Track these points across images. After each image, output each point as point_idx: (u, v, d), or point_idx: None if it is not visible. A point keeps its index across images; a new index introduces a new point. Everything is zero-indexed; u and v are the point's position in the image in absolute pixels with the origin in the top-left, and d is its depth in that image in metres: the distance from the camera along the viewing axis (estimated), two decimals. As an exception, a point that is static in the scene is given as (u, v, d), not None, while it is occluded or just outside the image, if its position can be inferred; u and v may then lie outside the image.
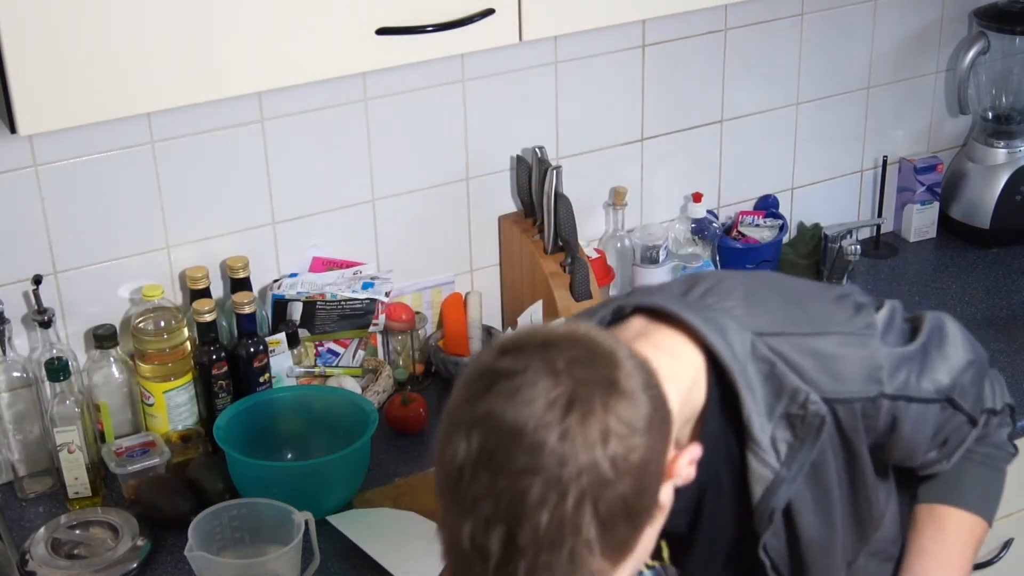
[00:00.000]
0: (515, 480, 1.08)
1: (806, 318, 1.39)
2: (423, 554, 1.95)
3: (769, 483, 1.36)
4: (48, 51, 1.63)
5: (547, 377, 1.11)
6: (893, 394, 1.40)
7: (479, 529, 1.10)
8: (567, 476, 1.08)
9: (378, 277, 2.30)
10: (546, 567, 1.09)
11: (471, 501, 1.10)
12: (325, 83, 2.09)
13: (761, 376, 1.34)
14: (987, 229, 2.75)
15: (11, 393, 2.08)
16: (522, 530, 1.08)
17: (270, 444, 2.09)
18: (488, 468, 1.09)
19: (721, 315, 1.36)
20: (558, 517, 1.08)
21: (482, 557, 1.10)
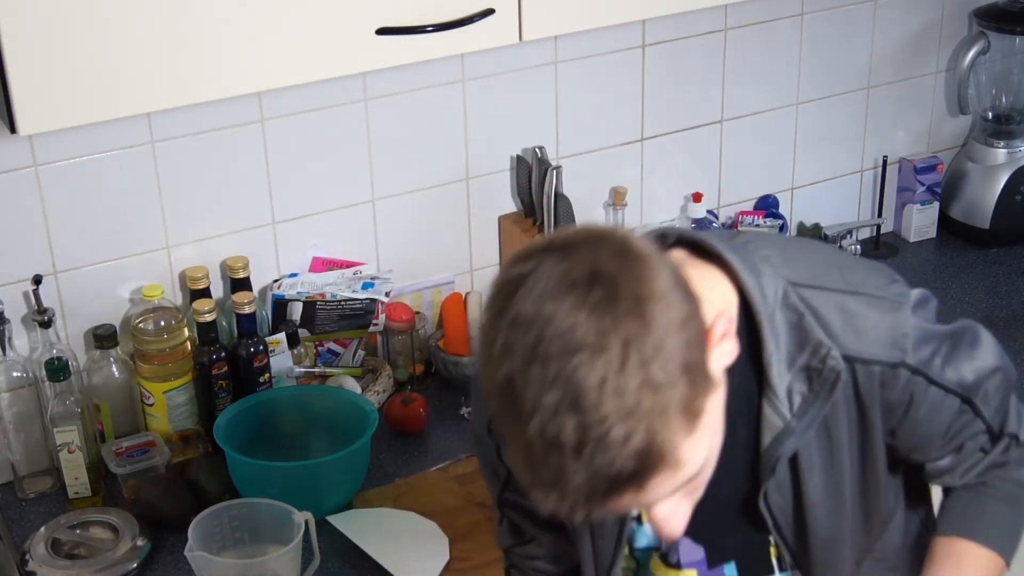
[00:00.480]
0: (564, 363, 1.09)
1: (840, 277, 1.39)
2: (423, 554, 1.95)
3: (778, 432, 1.35)
4: (48, 51, 1.63)
5: (561, 262, 1.13)
6: (914, 366, 1.37)
7: (547, 422, 1.10)
8: (612, 345, 1.09)
9: (378, 277, 2.30)
10: (623, 439, 1.09)
11: (532, 401, 1.10)
12: (325, 83, 2.09)
13: (788, 325, 1.34)
14: (987, 229, 2.75)
15: (11, 393, 2.08)
16: (587, 409, 1.09)
17: (270, 444, 2.09)
18: (537, 362, 1.10)
19: (759, 260, 1.36)
20: (616, 386, 1.08)
21: (558, 449, 1.10)
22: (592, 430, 1.09)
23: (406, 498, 2.08)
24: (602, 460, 1.10)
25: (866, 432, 1.40)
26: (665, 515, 1.23)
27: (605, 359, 1.09)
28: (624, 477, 1.11)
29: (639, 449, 1.10)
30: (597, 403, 1.09)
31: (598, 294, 1.11)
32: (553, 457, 1.11)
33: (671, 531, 1.25)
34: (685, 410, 1.12)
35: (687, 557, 1.48)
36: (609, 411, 1.09)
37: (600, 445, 1.09)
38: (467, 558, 1.96)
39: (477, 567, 1.94)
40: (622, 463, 1.10)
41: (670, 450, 1.12)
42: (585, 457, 1.10)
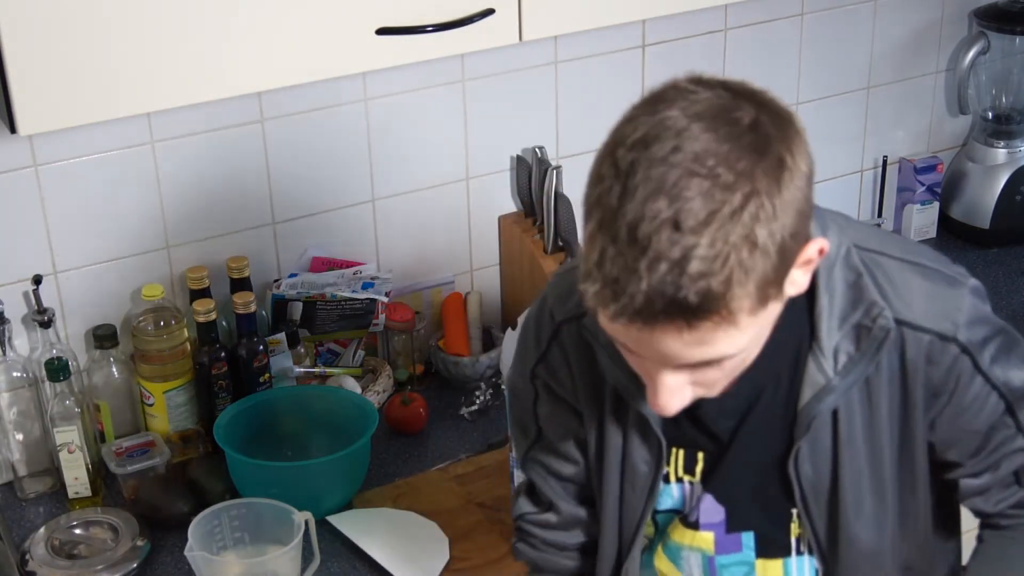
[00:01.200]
0: (690, 180, 1.11)
1: (903, 247, 1.39)
2: (423, 554, 1.95)
3: (819, 389, 1.34)
4: (48, 51, 1.63)
5: (730, 100, 1.16)
6: (964, 344, 1.35)
7: (645, 221, 1.11)
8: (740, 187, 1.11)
9: (378, 277, 2.30)
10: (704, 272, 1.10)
11: (642, 196, 1.12)
12: (325, 83, 2.09)
13: (845, 283, 1.34)
14: (987, 229, 2.75)
15: (11, 393, 2.08)
16: (689, 230, 1.10)
17: (270, 444, 2.09)
18: (665, 164, 1.12)
19: (828, 218, 1.36)
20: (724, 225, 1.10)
21: (641, 251, 1.11)
22: (679, 250, 1.10)
23: (406, 498, 2.08)
24: (672, 280, 1.10)
25: (907, 410, 1.38)
26: (669, 387, 1.23)
27: (725, 196, 1.11)
28: (682, 307, 1.11)
29: (710, 289, 1.11)
30: (696, 230, 1.10)
31: (750, 138, 1.13)
32: (630, 256, 1.12)
33: (665, 404, 1.24)
34: (762, 286, 1.14)
35: (707, 518, 1.47)
36: (703, 243, 1.10)
37: (678, 266, 1.10)
38: (467, 558, 1.96)
39: (477, 567, 1.94)
40: (687, 292, 1.11)
41: (733, 309, 1.13)
42: (660, 270, 1.11)
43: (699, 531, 1.48)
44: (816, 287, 1.33)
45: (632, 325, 1.15)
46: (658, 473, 1.45)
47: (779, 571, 1.48)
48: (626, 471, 1.47)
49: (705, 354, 1.18)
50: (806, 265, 1.22)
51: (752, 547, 1.47)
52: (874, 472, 1.40)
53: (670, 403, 1.24)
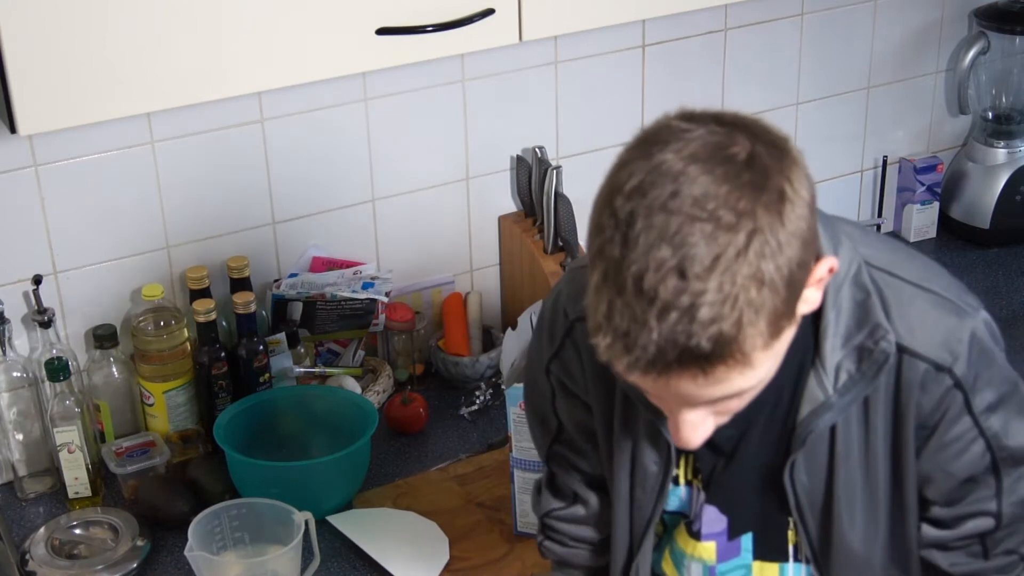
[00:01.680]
0: (691, 225, 1.10)
1: (915, 269, 1.37)
2: (423, 554, 1.95)
3: (817, 405, 1.34)
4: (48, 51, 1.63)
5: (724, 136, 1.14)
6: (959, 378, 1.32)
7: (650, 271, 1.10)
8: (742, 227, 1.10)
9: (378, 277, 2.30)
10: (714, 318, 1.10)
11: (644, 246, 1.11)
12: (325, 83, 2.09)
13: (853, 302, 1.33)
14: (987, 229, 2.75)
15: (11, 393, 2.08)
16: (694, 276, 1.09)
17: (270, 444, 2.09)
18: (664, 211, 1.11)
19: (841, 232, 1.35)
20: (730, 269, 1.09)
21: (648, 302, 1.10)
22: (687, 298, 1.09)
23: (406, 498, 2.08)
24: (683, 329, 1.10)
25: (899, 433, 1.37)
26: (692, 423, 1.23)
27: (729, 238, 1.10)
28: (695, 355, 1.11)
29: (722, 334, 1.10)
30: (703, 275, 1.09)
31: (748, 176, 1.12)
32: (639, 307, 1.11)
33: (689, 440, 1.24)
34: (774, 320, 1.13)
35: (709, 528, 1.47)
36: (711, 288, 1.09)
37: (688, 315, 1.10)
38: (467, 558, 1.96)
39: (477, 567, 1.94)
40: (699, 340, 1.10)
41: (747, 350, 1.12)
42: (669, 320, 1.10)
43: (700, 541, 1.48)
44: (824, 304, 1.32)
45: (647, 376, 1.15)
46: (667, 474, 1.45)
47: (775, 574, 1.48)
48: (636, 471, 1.47)
49: (724, 391, 1.17)
50: (817, 283, 1.22)
51: (750, 549, 1.48)
52: (868, 487, 1.40)
53: (692, 438, 1.24)
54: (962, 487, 1.39)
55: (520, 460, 1.94)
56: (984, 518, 1.40)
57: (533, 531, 1.96)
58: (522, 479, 1.95)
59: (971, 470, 1.38)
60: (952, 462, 1.37)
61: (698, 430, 1.24)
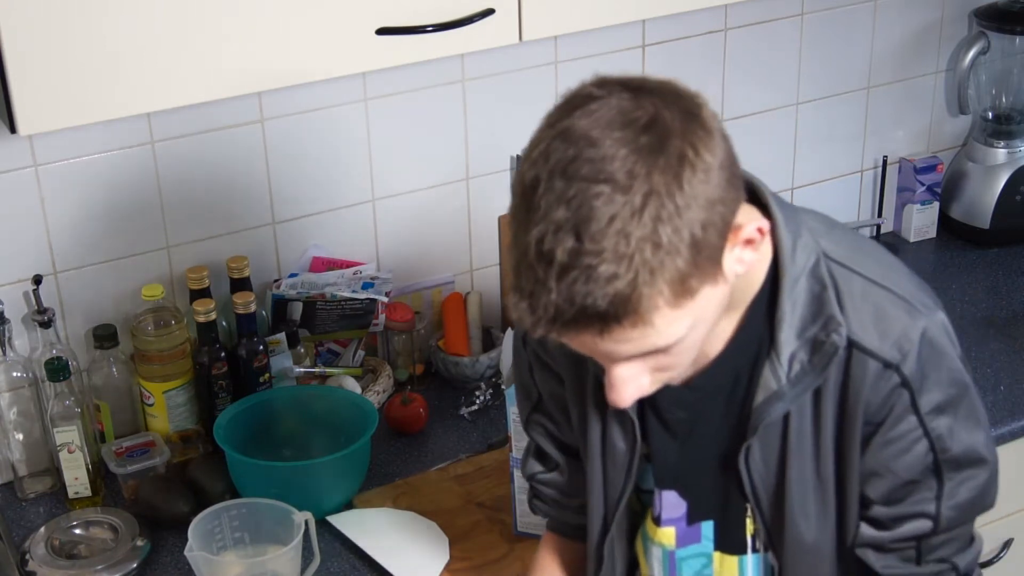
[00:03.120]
0: (587, 187, 1.13)
1: (874, 266, 1.38)
2: (423, 554, 1.95)
3: (770, 394, 1.36)
4: (48, 51, 1.63)
5: (631, 100, 1.18)
6: (906, 376, 1.34)
7: (548, 234, 1.14)
8: (637, 189, 1.13)
9: (378, 277, 2.30)
10: (608, 277, 1.13)
11: (544, 209, 1.14)
12: (325, 83, 2.09)
13: (809, 295, 1.34)
14: (987, 229, 2.75)
15: (11, 393, 2.08)
16: (589, 236, 1.12)
17: (270, 444, 2.09)
18: (563, 176, 1.14)
19: (803, 225, 1.37)
20: (623, 228, 1.12)
21: (547, 263, 1.14)
22: (583, 258, 1.13)
23: (406, 498, 2.08)
24: (580, 289, 1.13)
25: (844, 427, 1.38)
26: (622, 377, 1.25)
27: (624, 200, 1.13)
28: (591, 314, 1.14)
29: (617, 293, 1.13)
30: (598, 236, 1.12)
31: (647, 139, 1.15)
32: (539, 269, 1.15)
33: (618, 397, 1.26)
34: (677, 282, 1.15)
35: (668, 513, 1.49)
36: (606, 248, 1.12)
37: (584, 275, 1.13)
38: (467, 558, 1.96)
39: (477, 567, 1.94)
40: (596, 300, 1.13)
41: (645, 310, 1.15)
42: (567, 280, 1.13)
43: (660, 527, 1.50)
44: (780, 294, 1.34)
45: (552, 334, 1.18)
46: (634, 452, 1.47)
47: (735, 568, 1.50)
48: (607, 448, 1.49)
49: (633, 349, 1.20)
50: (748, 245, 1.23)
51: (711, 538, 1.49)
52: (819, 479, 1.41)
53: (623, 394, 1.26)
54: (904, 488, 1.40)
55: (520, 460, 1.94)
56: (922, 520, 1.41)
57: (533, 531, 1.97)
58: (522, 479, 1.95)
59: (913, 470, 1.38)
60: (895, 460, 1.38)
61: (628, 387, 1.25)
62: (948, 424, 1.37)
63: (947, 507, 1.40)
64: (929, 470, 1.39)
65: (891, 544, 1.43)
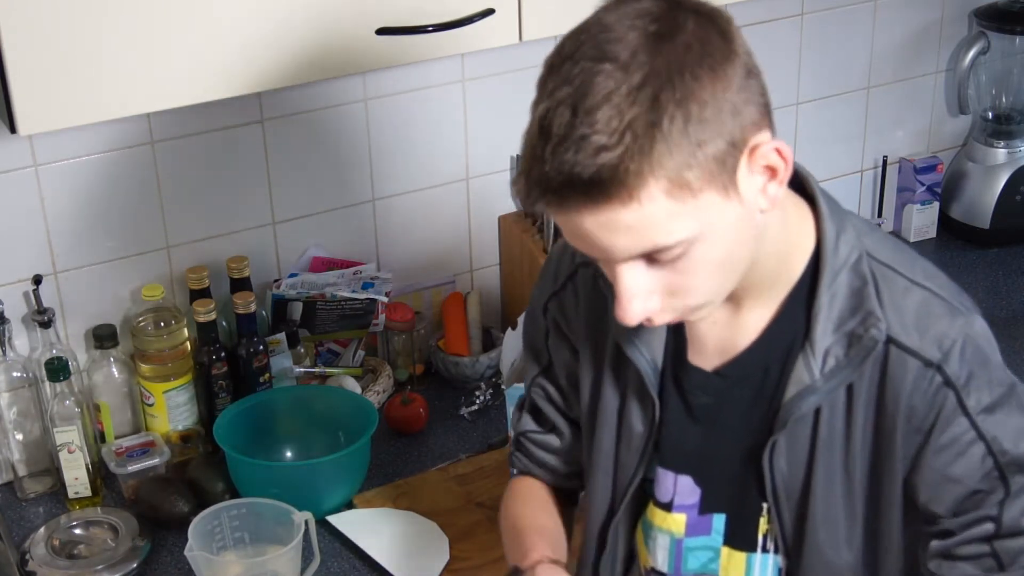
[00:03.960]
0: (590, 65, 1.15)
1: (916, 268, 1.37)
2: (423, 554, 1.95)
3: (803, 388, 1.34)
4: (48, 51, 1.63)
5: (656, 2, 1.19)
6: (949, 376, 1.30)
7: (550, 110, 1.16)
8: (636, 69, 1.14)
9: (378, 277, 2.30)
10: (597, 148, 1.14)
11: (551, 88, 1.17)
12: (325, 83, 2.09)
13: (849, 289, 1.33)
14: (987, 229, 2.75)
15: (11, 393, 2.08)
16: (584, 110, 1.14)
17: (270, 444, 2.09)
18: (571, 59, 1.17)
19: (848, 220, 1.36)
20: (618, 104, 1.14)
21: (545, 137, 1.16)
22: (576, 129, 1.14)
23: (406, 498, 2.08)
24: (570, 158, 1.14)
25: (880, 430, 1.35)
26: (628, 287, 1.23)
27: (623, 77, 1.14)
28: (577, 183, 1.15)
29: (604, 164, 1.14)
30: (592, 109, 1.14)
31: (656, 27, 1.16)
32: (539, 142, 1.17)
33: (624, 310, 1.24)
34: (672, 171, 1.15)
35: (681, 499, 1.46)
36: (599, 120, 1.14)
37: (575, 144, 1.14)
38: (467, 558, 1.96)
39: (477, 567, 1.94)
40: (583, 169, 1.14)
41: (633, 185, 1.14)
42: (560, 150, 1.15)
43: (671, 512, 1.47)
44: (819, 286, 1.33)
45: (546, 208, 1.19)
46: (651, 434, 1.44)
47: (742, 565, 1.46)
48: (622, 429, 1.47)
49: (637, 241, 1.19)
50: (769, 173, 1.22)
51: (721, 532, 1.46)
52: (847, 480, 1.38)
53: (630, 307, 1.24)
54: (971, 498, 1.35)
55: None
56: (983, 525, 1.36)
57: (533, 531, 1.97)
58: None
59: (974, 476, 1.34)
60: (950, 466, 1.34)
61: (635, 300, 1.24)
62: (1001, 425, 1.32)
63: (1015, 510, 1.35)
64: (993, 476, 1.34)
65: (958, 549, 1.37)
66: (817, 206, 1.35)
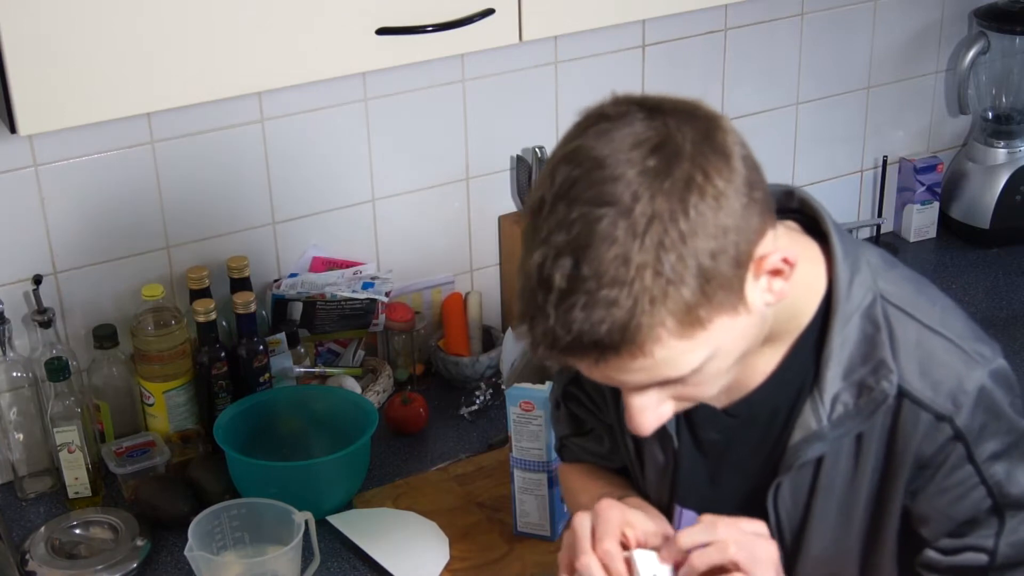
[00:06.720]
0: (588, 210, 1.09)
1: (933, 312, 1.33)
2: (423, 554, 1.95)
3: (809, 433, 1.31)
4: (48, 51, 1.63)
5: (643, 122, 1.12)
6: (960, 429, 1.29)
7: (548, 259, 1.11)
8: (639, 213, 1.08)
9: (378, 277, 2.30)
10: (605, 304, 1.09)
11: (546, 233, 1.11)
12: (325, 83, 2.09)
13: (861, 334, 1.29)
14: (987, 229, 2.75)
15: (11, 393, 2.08)
16: (587, 261, 1.09)
17: (270, 444, 2.09)
18: (566, 199, 1.11)
19: (863, 260, 1.32)
20: (623, 254, 1.08)
21: (546, 288, 1.11)
22: (581, 283, 1.09)
23: (406, 498, 2.08)
24: (577, 316, 1.10)
25: (887, 475, 1.33)
26: (637, 406, 1.21)
27: (626, 224, 1.08)
28: (587, 342, 1.11)
29: (615, 322, 1.09)
30: (596, 261, 1.09)
31: (654, 162, 1.10)
32: (539, 294, 1.12)
33: (638, 426, 1.22)
34: (683, 312, 1.11)
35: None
36: (604, 273, 1.09)
37: (580, 302, 1.09)
38: (467, 558, 1.96)
39: (477, 567, 1.94)
40: (592, 327, 1.10)
41: (644, 340, 1.11)
42: (564, 306, 1.10)
43: None
44: (830, 331, 1.30)
45: (553, 360, 1.15)
46: (668, 465, 1.43)
47: None
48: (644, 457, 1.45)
49: (651, 377, 1.16)
50: (774, 275, 1.18)
51: None
52: (845, 521, 1.37)
53: (643, 422, 1.22)
54: (962, 527, 1.35)
55: (520, 460, 1.94)
56: (979, 553, 1.35)
57: (533, 531, 1.97)
58: (522, 479, 1.95)
59: (972, 513, 1.34)
60: (951, 507, 1.33)
61: (646, 415, 1.22)
62: (1006, 470, 1.32)
63: (1005, 543, 1.34)
64: (989, 511, 1.33)
65: (947, 570, 1.36)
66: (831, 246, 1.31)
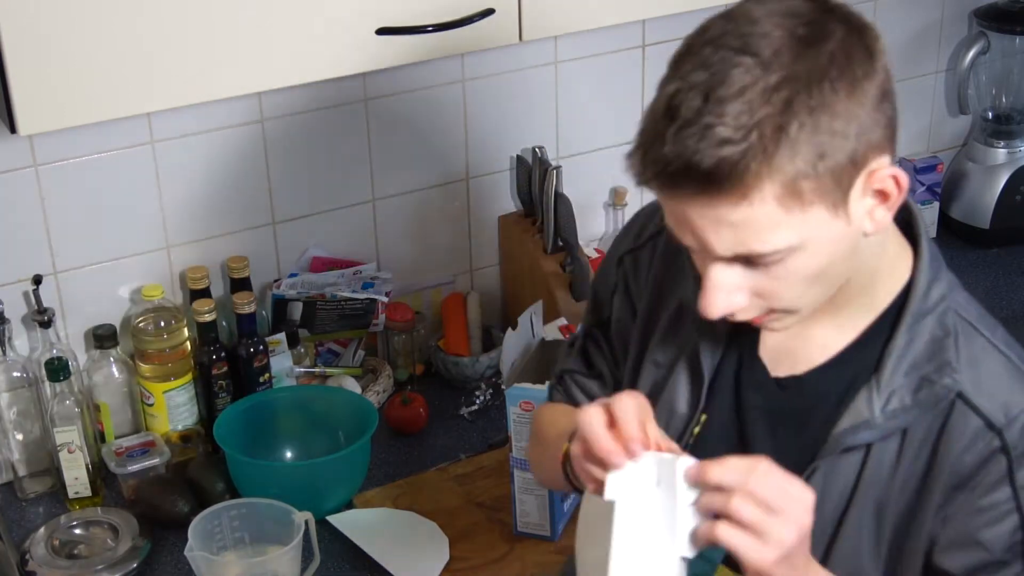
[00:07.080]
0: (730, 55, 1.15)
1: (996, 332, 1.35)
2: (423, 554, 1.95)
3: (859, 422, 1.31)
4: (48, 51, 1.63)
5: (805, 2, 1.19)
6: (1007, 443, 1.28)
7: (681, 91, 1.16)
8: (776, 70, 1.13)
9: (378, 277, 2.30)
10: (721, 141, 1.13)
11: (686, 70, 1.17)
12: (325, 83, 2.09)
13: (930, 336, 1.31)
14: (987, 229, 2.75)
15: (11, 393, 2.08)
16: (715, 100, 1.13)
17: (270, 444, 2.09)
18: (713, 44, 1.17)
19: (947, 274, 1.37)
20: (751, 101, 1.13)
21: (670, 117, 1.16)
22: (704, 116, 1.14)
23: (406, 498, 2.08)
24: (691, 145, 1.14)
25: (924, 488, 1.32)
26: (716, 281, 1.23)
27: (761, 74, 1.14)
28: (695, 171, 1.14)
29: (726, 158, 1.13)
30: (724, 100, 1.13)
31: (804, 31, 1.16)
32: (663, 122, 1.16)
33: (708, 302, 1.23)
34: (789, 178, 1.14)
35: None
36: (729, 112, 1.13)
37: (700, 132, 1.13)
38: (467, 558, 1.96)
39: (477, 567, 1.94)
40: (703, 158, 1.13)
41: (749, 187, 1.14)
42: (683, 134, 1.14)
43: None
44: (900, 324, 1.31)
45: (657, 190, 1.19)
46: (692, 418, 1.40)
47: None
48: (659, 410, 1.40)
49: (738, 240, 1.18)
50: (880, 197, 1.23)
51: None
52: (878, 522, 1.35)
53: (714, 300, 1.23)
54: (987, 568, 1.32)
55: (520, 460, 1.94)
56: None
57: (533, 531, 1.97)
58: (522, 479, 1.95)
59: (998, 546, 1.31)
60: (982, 531, 1.31)
61: (720, 294, 1.23)
62: None
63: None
64: (1017, 550, 1.31)
65: None
66: (919, 249, 1.35)
